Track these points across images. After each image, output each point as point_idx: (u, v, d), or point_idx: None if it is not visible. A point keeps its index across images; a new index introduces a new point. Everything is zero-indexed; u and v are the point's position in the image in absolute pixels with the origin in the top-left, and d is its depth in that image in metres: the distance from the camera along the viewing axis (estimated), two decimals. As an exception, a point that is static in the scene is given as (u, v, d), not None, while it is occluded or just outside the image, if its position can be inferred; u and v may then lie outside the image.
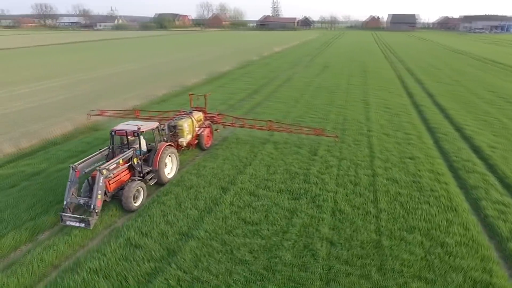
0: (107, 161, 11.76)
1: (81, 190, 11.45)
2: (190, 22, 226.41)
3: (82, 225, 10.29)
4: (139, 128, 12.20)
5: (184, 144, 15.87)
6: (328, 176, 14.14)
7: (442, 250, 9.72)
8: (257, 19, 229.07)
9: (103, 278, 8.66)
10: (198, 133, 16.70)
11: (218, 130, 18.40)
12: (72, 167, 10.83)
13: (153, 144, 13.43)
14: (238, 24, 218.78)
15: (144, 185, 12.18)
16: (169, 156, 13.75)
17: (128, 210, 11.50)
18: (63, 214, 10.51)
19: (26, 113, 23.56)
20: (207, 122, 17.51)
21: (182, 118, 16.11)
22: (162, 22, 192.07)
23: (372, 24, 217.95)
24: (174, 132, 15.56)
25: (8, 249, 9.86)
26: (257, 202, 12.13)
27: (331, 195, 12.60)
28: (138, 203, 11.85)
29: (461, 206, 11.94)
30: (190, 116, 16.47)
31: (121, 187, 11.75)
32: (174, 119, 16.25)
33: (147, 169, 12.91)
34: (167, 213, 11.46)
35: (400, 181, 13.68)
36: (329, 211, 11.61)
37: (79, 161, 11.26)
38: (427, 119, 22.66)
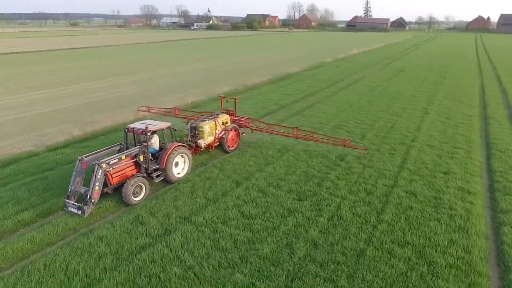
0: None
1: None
2: (279, 22, 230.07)
3: (79, 212, 11.49)
4: (146, 128, 13.12)
5: (203, 145, 16.30)
6: (344, 182, 14.05)
7: (428, 268, 9.26)
8: (348, 19, 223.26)
9: (105, 244, 10.20)
10: (220, 135, 17.01)
11: (244, 134, 18.55)
12: (79, 159, 12.16)
13: (168, 143, 14.13)
14: (326, 25, 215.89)
15: (146, 182, 12.83)
16: (181, 156, 14.38)
17: (127, 204, 12.33)
18: (67, 200, 11.89)
19: (103, 102, 27.23)
20: (232, 126, 17.58)
21: (204, 120, 16.80)
22: (252, 23, 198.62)
23: (477, 25, 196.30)
24: (194, 133, 16.33)
25: (48, 212, 12.06)
26: (262, 199, 12.74)
27: (337, 201, 12.61)
28: (138, 198, 12.55)
29: (475, 228, 11.01)
30: (214, 119, 17.04)
31: (125, 181, 12.42)
32: (197, 120, 16.99)
33: (155, 166, 13.63)
34: (179, 199, 12.74)
35: (419, 195, 13.01)
36: (327, 215, 11.69)
37: (88, 154, 12.75)
38: (489, 133, 20.54)
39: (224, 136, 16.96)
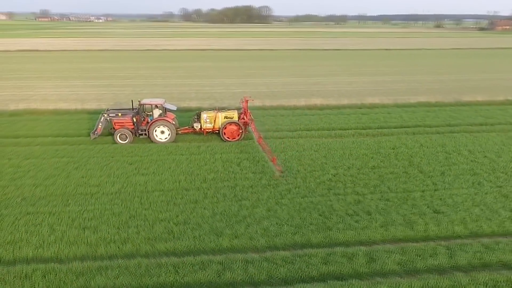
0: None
1: None
2: None
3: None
4: (139, 101, 21.06)
5: (195, 127, 21.47)
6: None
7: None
8: None
9: (164, 149, 19.85)
10: (218, 126, 21.17)
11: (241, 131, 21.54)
12: (105, 110, 21.30)
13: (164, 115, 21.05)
14: None
15: (129, 133, 20.25)
16: (165, 126, 20.54)
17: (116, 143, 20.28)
18: (92, 131, 20.98)
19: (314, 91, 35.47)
20: (233, 121, 21.10)
21: (209, 111, 21.74)
22: None
23: None
24: (195, 118, 21.96)
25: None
26: (264, 163, 18.05)
27: (293, 182, 16.02)
28: (122, 142, 20.25)
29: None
30: (217, 112, 21.39)
31: None
32: (203, 111, 22.01)
33: (144, 127, 20.79)
34: (231, 145, 20.24)
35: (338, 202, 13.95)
36: (266, 181, 15.86)
37: (111, 109, 21.70)
38: None
39: (223, 127, 21.07)
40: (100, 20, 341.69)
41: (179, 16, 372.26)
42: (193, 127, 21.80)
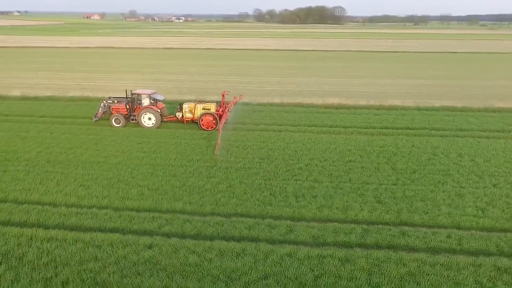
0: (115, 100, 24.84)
1: None
2: None
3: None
4: (131, 91, 24.55)
5: (177, 116, 24.63)
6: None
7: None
8: None
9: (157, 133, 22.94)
10: (197, 116, 24.00)
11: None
12: (103, 98, 24.99)
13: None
14: None
15: (122, 118, 23.83)
16: (151, 113, 23.82)
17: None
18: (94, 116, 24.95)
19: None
20: (210, 112, 23.81)
21: (190, 102, 24.64)
22: None
23: None
24: (178, 108, 24.81)
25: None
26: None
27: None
28: (117, 125, 23.82)
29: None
30: (196, 103, 24.27)
31: None
32: (185, 102, 25.03)
33: (135, 113, 24.16)
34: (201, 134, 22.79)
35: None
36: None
37: (110, 97, 25.13)
38: None
39: (201, 117, 23.89)
40: (180, 20, 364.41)
41: (253, 16, 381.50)
42: (175, 115, 24.96)
